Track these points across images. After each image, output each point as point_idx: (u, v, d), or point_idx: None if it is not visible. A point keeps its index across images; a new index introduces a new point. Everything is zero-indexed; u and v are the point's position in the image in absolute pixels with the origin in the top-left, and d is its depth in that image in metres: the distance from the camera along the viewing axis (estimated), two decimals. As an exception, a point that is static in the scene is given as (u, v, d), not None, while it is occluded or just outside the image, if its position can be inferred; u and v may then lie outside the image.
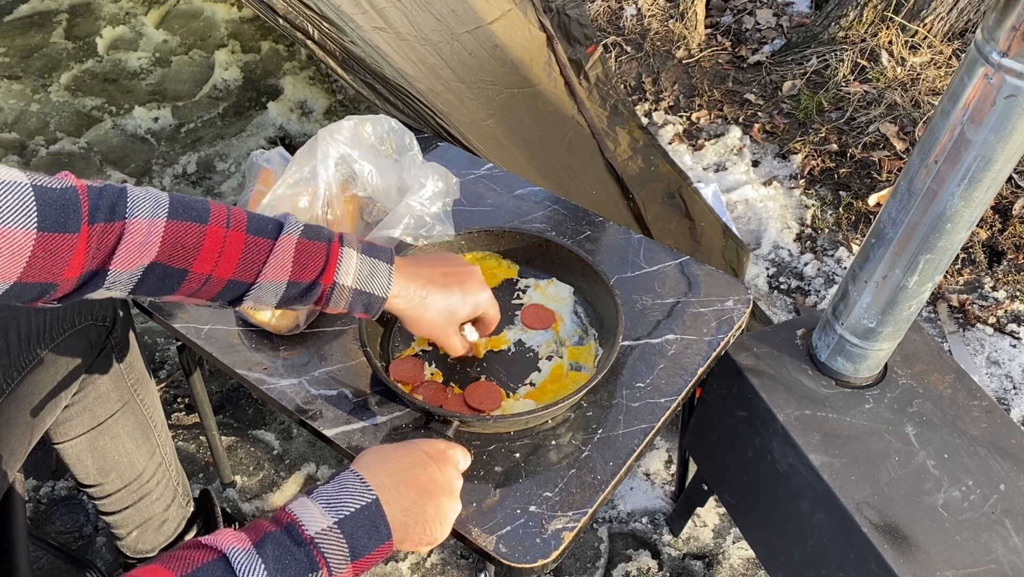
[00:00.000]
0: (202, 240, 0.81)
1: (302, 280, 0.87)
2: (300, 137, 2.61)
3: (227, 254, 0.83)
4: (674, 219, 1.94)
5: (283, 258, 0.85)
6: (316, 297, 0.89)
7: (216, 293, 0.85)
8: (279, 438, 1.79)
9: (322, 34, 1.48)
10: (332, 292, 0.89)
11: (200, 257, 0.82)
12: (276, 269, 0.85)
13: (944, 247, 0.99)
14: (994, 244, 2.24)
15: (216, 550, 0.65)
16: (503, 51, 1.84)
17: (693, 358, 1.14)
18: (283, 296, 0.87)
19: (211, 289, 0.85)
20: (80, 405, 1.18)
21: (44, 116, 2.68)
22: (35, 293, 0.75)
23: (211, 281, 0.84)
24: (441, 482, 0.79)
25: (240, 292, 0.86)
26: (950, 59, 2.69)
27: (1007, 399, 1.91)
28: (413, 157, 1.23)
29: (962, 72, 0.87)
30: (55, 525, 1.62)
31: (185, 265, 0.81)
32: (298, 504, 0.71)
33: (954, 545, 1.01)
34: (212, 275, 0.83)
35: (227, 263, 0.83)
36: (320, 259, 0.87)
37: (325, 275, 0.87)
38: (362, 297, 0.90)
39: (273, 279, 0.85)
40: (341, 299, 0.89)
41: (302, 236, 0.87)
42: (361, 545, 0.70)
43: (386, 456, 0.79)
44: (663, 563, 1.60)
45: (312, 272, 0.87)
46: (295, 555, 0.66)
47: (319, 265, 0.87)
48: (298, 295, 0.88)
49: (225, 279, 0.84)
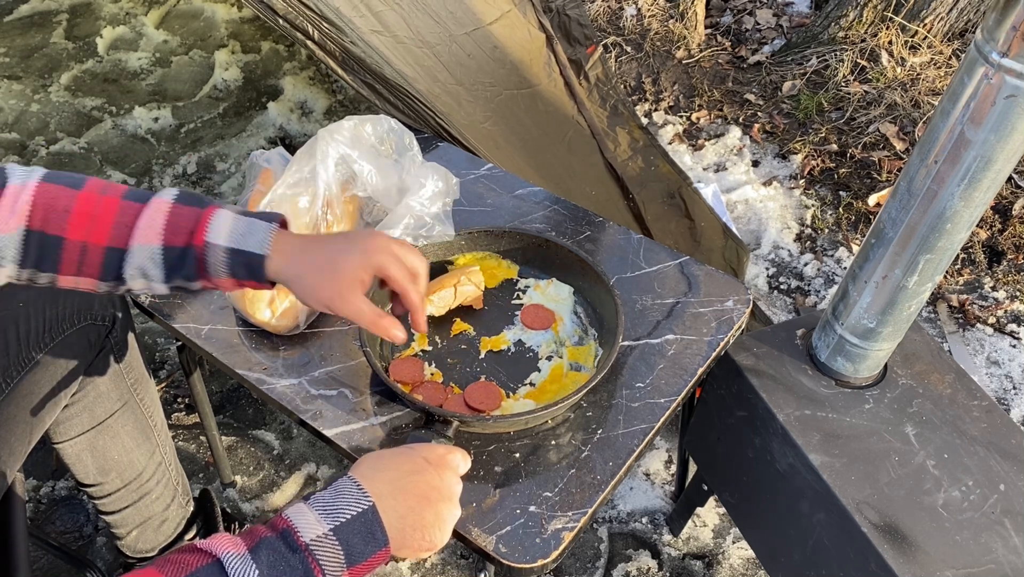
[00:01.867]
0: (73, 203, 0.82)
1: (175, 244, 0.83)
2: (300, 137, 2.61)
3: (100, 218, 0.82)
4: (674, 219, 1.94)
5: (154, 219, 0.83)
6: (194, 265, 0.84)
7: (99, 265, 0.84)
8: (279, 438, 1.79)
9: (322, 34, 1.48)
10: (207, 253, 0.84)
11: (72, 221, 0.81)
12: (147, 231, 0.83)
13: (944, 247, 0.99)
14: (994, 244, 2.24)
15: (211, 555, 0.65)
16: (502, 52, 1.84)
17: (693, 358, 1.14)
18: (164, 264, 0.84)
19: (92, 261, 0.83)
20: (80, 405, 1.18)
21: (44, 116, 2.68)
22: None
23: (88, 250, 0.83)
24: (440, 488, 0.79)
25: (119, 261, 0.84)
26: (950, 59, 2.69)
27: (1007, 399, 1.91)
28: (413, 157, 1.23)
29: (962, 72, 0.87)
30: (55, 525, 1.62)
31: (59, 231, 0.81)
32: (294, 510, 0.71)
33: (954, 545, 1.01)
34: (87, 242, 0.82)
35: (100, 228, 0.82)
36: (192, 220, 0.84)
37: (196, 235, 0.83)
38: (239, 257, 0.84)
39: (145, 242, 0.83)
40: (219, 263, 0.84)
41: (177, 201, 0.85)
42: (357, 552, 0.70)
43: (384, 463, 0.78)
44: (663, 563, 1.60)
45: (184, 234, 0.83)
46: (290, 561, 0.66)
47: (190, 226, 0.83)
48: (176, 262, 0.84)
49: (101, 246, 0.83)
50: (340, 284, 0.86)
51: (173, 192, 0.86)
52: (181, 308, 1.20)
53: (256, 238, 0.84)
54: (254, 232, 0.85)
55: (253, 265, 0.85)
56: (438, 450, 0.83)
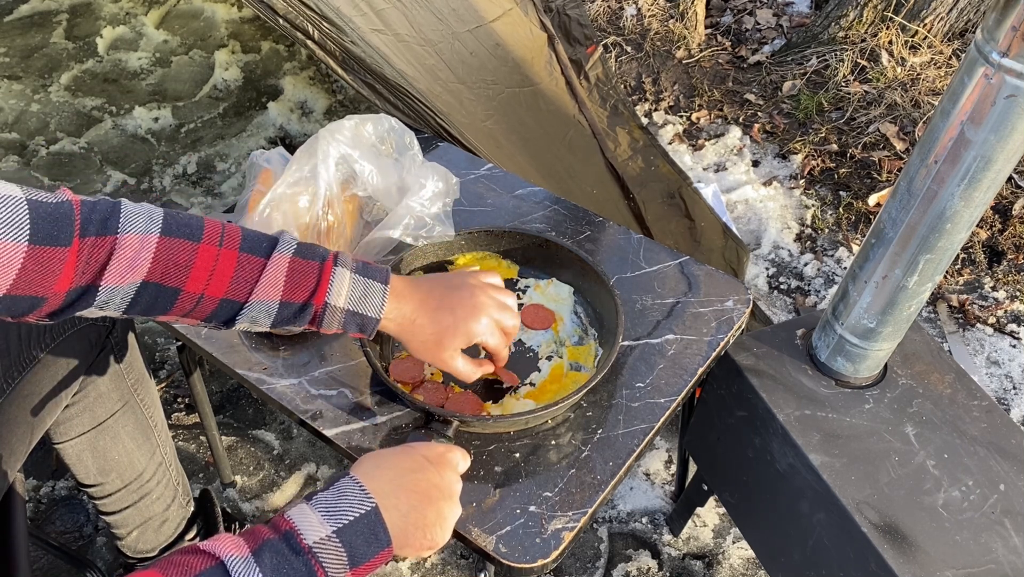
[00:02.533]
0: (194, 258, 0.81)
1: (294, 300, 0.86)
2: (300, 137, 2.61)
3: (219, 272, 0.82)
4: (674, 219, 1.94)
5: (275, 277, 0.84)
6: (309, 318, 0.88)
7: (209, 313, 0.85)
8: (279, 438, 1.79)
9: (322, 34, 1.48)
10: (324, 313, 0.87)
11: (192, 275, 0.81)
12: (268, 288, 0.84)
13: (944, 247, 0.99)
14: (994, 244, 2.24)
15: (214, 557, 0.65)
16: (504, 50, 1.84)
17: (693, 358, 1.14)
18: (276, 317, 0.86)
19: (204, 309, 0.84)
20: (80, 405, 1.18)
21: (44, 116, 2.68)
22: (24, 307, 0.74)
23: (204, 300, 0.83)
24: (440, 486, 0.79)
25: (233, 312, 0.85)
26: (950, 59, 2.69)
27: (1007, 399, 1.91)
28: (413, 157, 1.23)
29: (962, 72, 0.87)
30: (55, 525, 1.62)
31: (178, 284, 0.81)
32: (297, 511, 0.71)
33: (954, 545, 1.01)
34: (205, 294, 0.82)
35: (219, 282, 0.83)
36: (312, 279, 0.86)
37: (317, 295, 0.86)
38: (355, 318, 0.89)
39: (265, 298, 0.84)
40: (334, 320, 0.88)
41: (295, 255, 0.86)
42: (360, 553, 0.70)
43: (385, 461, 0.79)
44: (663, 563, 1.60)
45: (304, 292, 0.86)
46: (293, 564, 0.66)
47: (311, 285, 0.86)
48: (291, 316, 0.87)
49: (218, 298, 0.83)
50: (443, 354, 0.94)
51: (291, 245, 0.86)
52: (181, 308, 1.20)
53: (372, 302, 0.89)
54: (371, 296, 0.89)
55: (367, 325, 0.90)
56: (438, 448, 0.83)
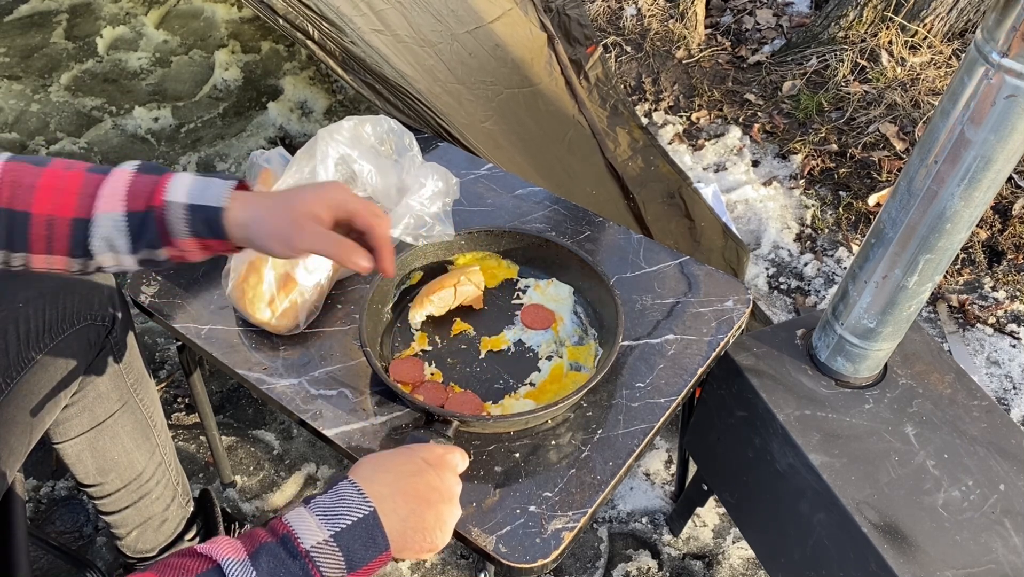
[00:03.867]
0: (39, 178, 0.84)
1: (136, 208, 0.84)
2: (300, 137, 2.61)
3: (64, 191, 0.84)
4: (674, 219, 1.94)
5: (115, 187, 0.85)
6: (156, 227, 0.85)
7: (67, 240, 0.85)
8: (279, 438, 1.79)
9: (322, 34, 1.48)
10: (167, 214, 0.84)
11: (37, 196, 0.83)
12: (110, 199, 0.84)
13: (944, 247, 0.99)
14: (994, 244, 2.24)
15: (211, 560, 0.65)
16: (504, 50, 1.84)
17: (693, 358, 1.14)
18: (128, 232, 0.84)
19: (59, 236, 0.84)
20: (80, 405, 1.18)
21: (44, 116, 2.68)
22: None
23: (55, 224, 0.84)
24: (440, 489, 0.79)
25: (84, 232, 0.84)
26: (950, 59, 2.69)
27: (1007, 399, 1.91)
28: (413, 157, 1.23)
29: (962, 72, 0.87)
30: (55, 525, 1.62)
31: (25, 207, 0.83)
32: (294, 514, 0.71)
33: (954, 545, 1.01)
34: (53, 215, 0.83)
35: (65, 200, 0.84)
36: (152, 184, 0.85)
37: (155, 195, 0.84)
38: (198, 213, 0.84)
39: (109, 210, 0.84)
40: (178, 220, 0.84)
41: (139, 170, 0.87)
42: (358, 557, 0.70)
43: (384, 464, 0.78)
44: (663, 563, 1.60)
45: (144, 197, 0.84)
46: (290, 568, 0.66)
47: (150, 189, 0.85)
48: (139, 227, 0.84)
49: (67, 218, 0.84)
50: (296, 217, 0.84)
51: (135, 163, 0.88)
52: (181, 308, 1.20)
53: (214, 192, 0.85)
54: (212, 187, 0.85)
55: (212, 220, 0.84)
56: (436, 450, 0.83)
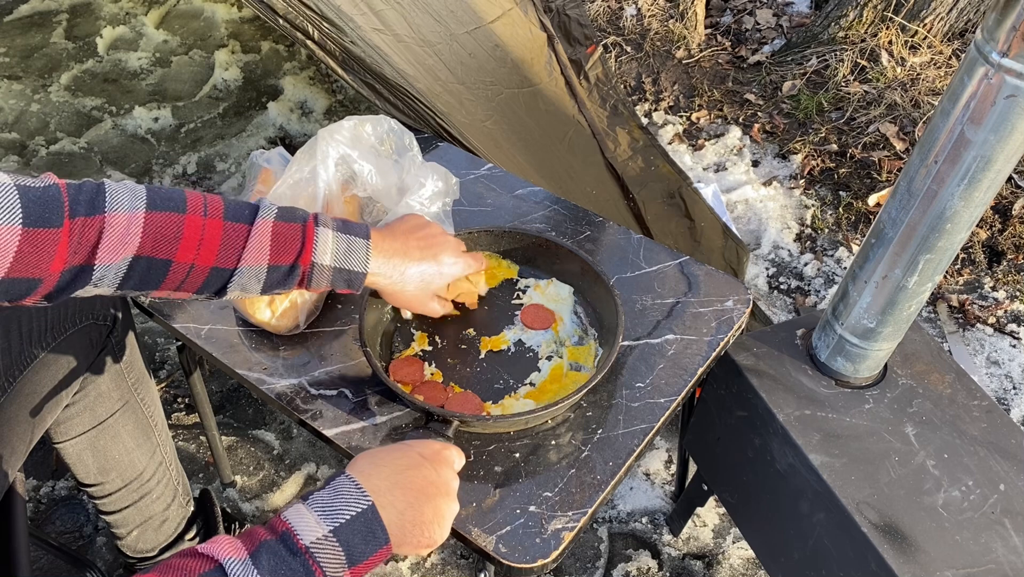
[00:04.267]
0: (182, 229, 0.84)
1: (282, 263, 0.89)
2: (300, 137, 2.61)
3: (207, 241, 0.85)
4: (674, 219, 1.94)
5: (261, 242, 0.87)
6: (298, 279, 0.91)
7: (201, 283, 0.88)
8: (279, 438, 1.79)
9: (322, 34, 1.48)
10: (312, 272, 0.91)
11: (182, 246, 0.84)
12: (255, 253, 0.87)
13: (944, 247, 0.99)
14: (994, 244, 2.24)
15: (212, 560, 0.65)
16: (503, 50, 1.84)
17: (693, 358, 1.14)
18: (266, 281, 0.89)
19: (195, 279, 0.87)
20: (80, 404, 1.18)
21: (44, 116, 2.68)
22: (22, 289, 0.77)
23: (194, 270, 0.86)
24: (437, 483, 0.79)
25: (223, 280, 0.88)
26: (950, 59, 2.69)
27: (1007, 399, 1.91)
28: (413, 157, 1.23)
29: (962, 72, 0.87)
30: (55, 525, 1.62)
31: (168, 256, 0.84)
32: (293, 511, 0.71)
33: (954, 545, 1.01)
34: (195, 264, 0.86)
35: (208, 251, 0.86)
36: (297, 240, 0.89)
37: (303, 256, 0.90)
38: (342, 274, 0.93)
39: (253, 263, 0.88)
40: (322, 278, 0.92)
41: (277, 219, 0.89)
42: (358, 552, 0.70)
43: (381, 459, 0.79)
44: (663, 563, 1.60)
45: (291, 254, 0.89)
46: (291, 565, 0.66)
47: (296, 246, 0.89)
48: (280, 279, 0.90)
49: (208, 267, 0.86)
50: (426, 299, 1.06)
51: (272, 209, 0.90)
52: (181, 308, 1.20)
53: (357, 257, 0.93)
54: (354, 251, 0.93)
55: (354, 280, 0.95)
56: (434, 445, 0.83)
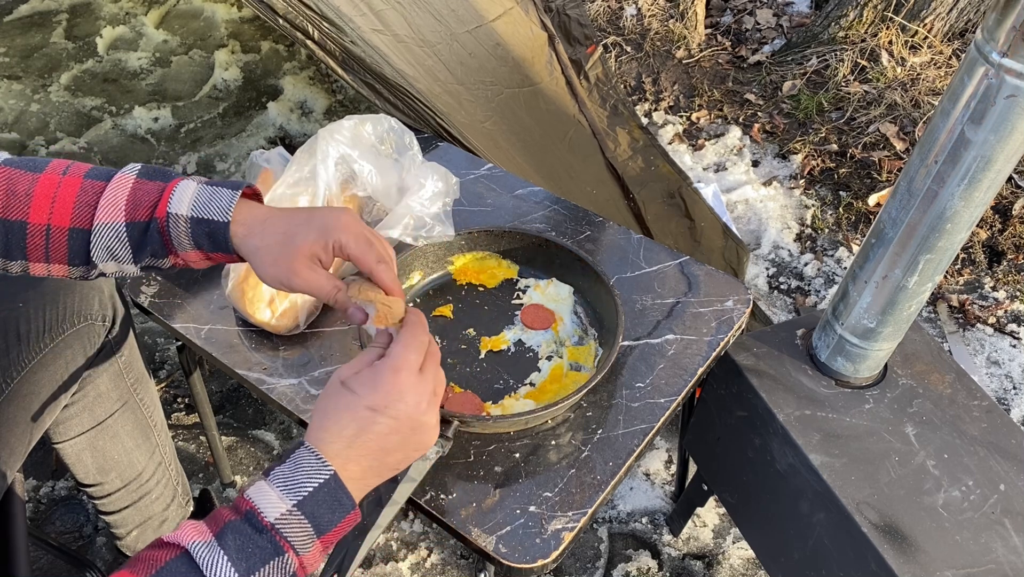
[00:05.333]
0: (34, 185, 0.80)
1: (138, 218, 0.81)
2: (300, 137, 2.61)
3: (61, 199, 0.80)
4: (674, 219, 1.94)
5: (116, 196, 0.81)
6: (159, 238, 0.82)
7: (65, 250, 0.81)
8: (279, 438, 1.79)
9: (322, 34, 1.48)
10: (170, 226, 0.81)
11: (34, 204, 0.80)
12: (110, 209, 0.80)
13: (944, 247, 0.99)
14: (994, 244, 2.24)
15: (178, 546, 0.65)
16: (504, 50, 1.84)
17: (693, 358, 1.14)
18: (130, 244, 0.82)
19: (57, 245, 0.81)
20: (80, 404, 1.18)
21: (44, 116, 2.68)
22: None
23: (52, 233, 0.80)
24: (391, 435, 0.73)
25: (84, 243, 0.81)
26: (950, 59, 2.69)
27: (1007, 399, 1.91)
28: (413, 157, 1.23)
29: (962, 72, 0.87)
30: (55, 525, 1.62)
31: (21, 216, 0.80)
32: (255, 489, 0.69)
33: (954, 545, 1.01)
34: (51, 224, 0.80)
35: (62, 209, 0.80)
36: (155, 193, 0.81)
37: (159, 207, 0.81)
38: (202, 226, 0.80)
39: (109, 220, 0.80)
40: (181, 234, 0.81)
41: (140, 176, 0.82)
42: (325, 521, 0.69)
43: (332, 421, 0.72)
44: (663, 563, 1.60)
45: (146, 207, 0.81)
46: (257, 542, 0.65)
47: (153, 198, 0.81)
48: (141, 238, 0.81)
49: (65, 228, 0.80)
50: (294, 260, 0.81)
51: (136, 167, 0.83)
52: (181, 308, 1.20)
53: (218, 204, 0.81)
54: (217, 199, 0.81)
55: (216, 234, 0.81)
56: (380, 389, 0.73)
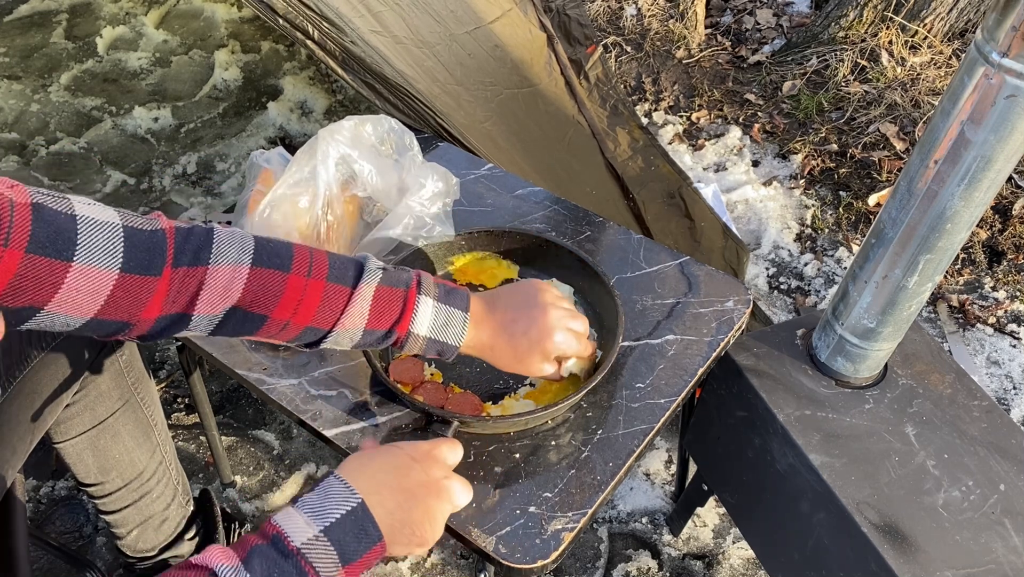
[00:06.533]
0: (284, 288, 0.83)
1: (378, 328, 0.89)
2: (300, 137, 2.61)
3: (306, 302, 0.85)
4: (674, 219, 1.94)
5: (361, 308, 0.87)
6: (392, 342, 0.91)
7: (294, 337, 0.87)
8: (279, 438, 1.79)
9: (322, 34, 1.48)
10: (407, 339, 0.91)
11: (281, 304, 0.83)
12: (353, 317, 0.87)
13: (944, 247, 0.99)
14: (994, 244, 2.24)
15: (206, 568, 0.66)
16: (503, 51, 1.84)
17: (693, 358, 1.14)
18: (360, 341, 0.89)
19: (288, 333, 0.87)
20: (80, 404, 1.18)
21: (44, 116, 2.68)
22: (111, 329, 0.78)
23: (289, 327, 0.86)
24: (427, 484, 0.78)
25: (318, 337, 0.88)
26: (950, 59, 2.69)
27: (1007, 399, 1.91)
28: (413, 157, 1.23)
29: (962, 72, 0.87)
30: (55, 525, 1.62)
31: (265, 312, 0.83)
32: (283, 515, 0.71)
33: (954, 545, 1.01)
34: (291, 321, 0.85)
35: (306, 311, 0.85)
36: (397, 308, 0.89)
37: (401, 324, 0.89)
38: (436, 344, 0.92)
39: (350, 327, 0.87)
40: (416, 345, 0.91)
41: (381, 283, 0.88)
42: (351, 550, 0.70)
43: (368, 460, 0.79)
44: (663, 563, 1.60)
45: (388, 320, 0.89)
46: (283, 567, 0.67)
47: (395, 314, 0.89)
48: (374, 340, 0.90)
49: (303, 325, 0.86)
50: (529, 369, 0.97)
51: (376, 273, 0.88)
52: (181, 308, 1.20)
53: (453, 331, 0.92)
54: (452, 324, 0.92)
55: (447, 352, 0.93)
56: (423, 446, 0.82)
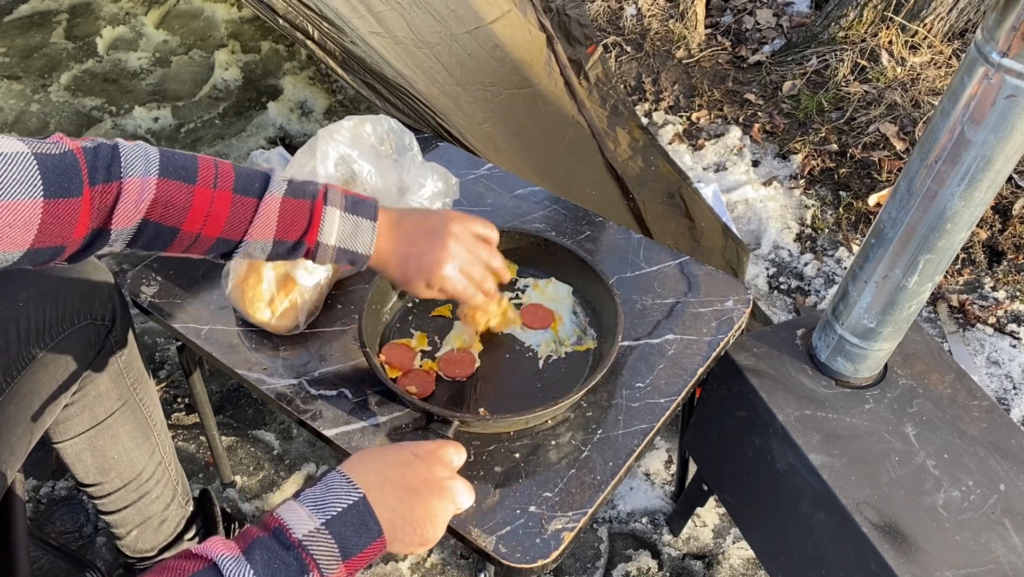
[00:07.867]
0: (191, 199, 0.86)
1: (287, 238, 0.91)
2: (300, 137, 2.61)
3: (215, 214, 0.88)
4: (674, 219, 1.94)
5: (268, 218, 0.89)
6: (302, 253, 0.94)
7: (207, 249, 0.91)
8: (279, 438, 1.79)
9: (322, 34, 1.48)
10: (317, 249, 0.93)
11: (189, 216, 0.86)
12: (262, 228, 0.90)
13: (944, 247, 0.99)
14: (994, 244, 2.23)
15: (206, 559, 0.66)
16: (503, 51, 1.84)
17: (693, 358, 1.14)
18: (271, 252, 0.92)
19: (201, 246, 0.90)
20: (80, 404, 1.18)
21: (44, 116, 2.68)
22: (46, 256, 0.80)
23: (200, 239, 0.89)
24: (429, 482, 0.78)
25: (229, 248, 0.91)
26: (950, 59, 2.69)
27: (1007, 399, 1.91)
28: (413, 157, 1.23)
29: (962, 72, 0.87)
30: (55, 525, 1.62)
31: (176, 224, 0.86)
32: (285, 508, 0.71)
33: (954, 545, 1.01)
34: (201, 233, 0.88)
35: (215, 222, 0.88)
36: (304, 218, 0.91)
37: (309, 235, 0.92)
38: (346, 254, 0.94)
39: (260, 238, 0.90)
40: (327, 255, 0.94)
41: (287, 194, 0.90)
42: (351, 544, 0.70)
43: (373, 457, 0.79)
44: (663, 563, 1.60)
45: (296, 231, 0.91)
46: (284, 559, 0.67)
47: (303, 225, 0.91)
48: (284, 252, 0.93)
49: (214, 237, 0.89)
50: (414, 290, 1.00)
51: (281, 185, 0.91)
52: (181, 308, 1.20)
53: (362, 239, 0.94)
54: (360, 233, 0.94)
55: (357, 260, 0.95)
56: (427, 445, 0.83)
